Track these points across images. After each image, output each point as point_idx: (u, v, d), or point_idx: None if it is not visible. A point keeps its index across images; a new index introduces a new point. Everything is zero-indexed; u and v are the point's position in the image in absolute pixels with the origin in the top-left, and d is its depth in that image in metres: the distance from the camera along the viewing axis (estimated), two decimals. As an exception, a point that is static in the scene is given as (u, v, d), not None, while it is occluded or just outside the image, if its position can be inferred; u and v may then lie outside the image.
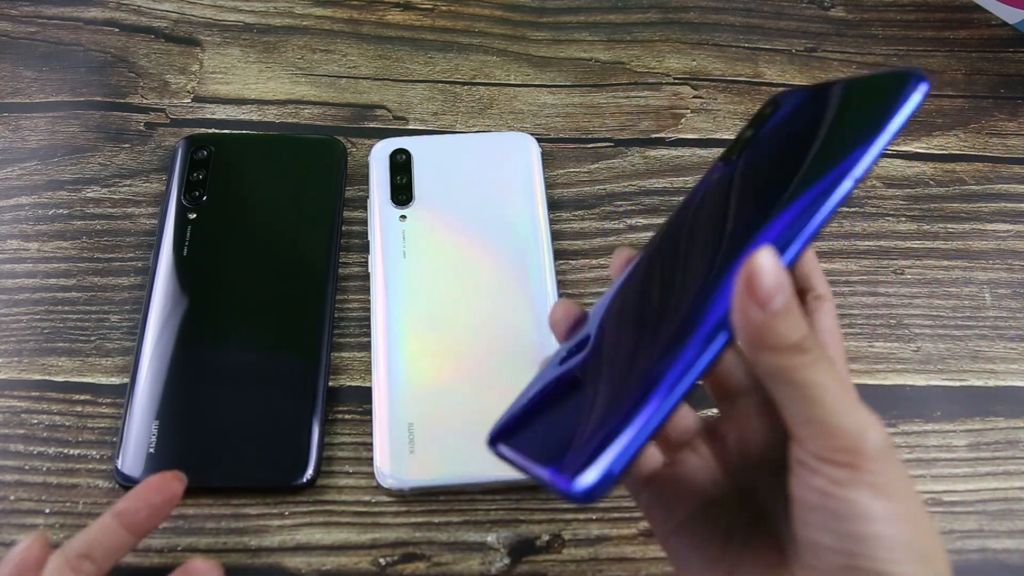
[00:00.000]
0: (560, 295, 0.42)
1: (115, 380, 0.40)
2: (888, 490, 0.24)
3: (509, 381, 0.38)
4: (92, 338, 0.41)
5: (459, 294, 0.41)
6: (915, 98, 0.25)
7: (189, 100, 0.48)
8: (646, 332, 0.26)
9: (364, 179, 0.45)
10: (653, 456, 0.31)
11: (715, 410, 0.35)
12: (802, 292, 0.30)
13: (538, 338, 0.40)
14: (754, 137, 0.30)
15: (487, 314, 0.40)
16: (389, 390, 0.38)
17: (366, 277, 0.43)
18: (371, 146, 0.45)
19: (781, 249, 0.24)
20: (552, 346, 0.38)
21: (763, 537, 0.28)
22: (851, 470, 0.24)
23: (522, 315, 0.40)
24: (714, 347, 0.24)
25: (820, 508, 0.24)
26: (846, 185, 0.24)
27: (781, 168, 0.27)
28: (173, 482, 0.33)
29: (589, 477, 0.23)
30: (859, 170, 0.24)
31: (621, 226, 0.45)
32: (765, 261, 0.23)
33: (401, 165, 0.44)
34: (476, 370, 0.39)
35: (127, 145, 0.46)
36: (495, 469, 0.37)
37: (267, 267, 0.41)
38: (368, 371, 0.40)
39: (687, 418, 0.31)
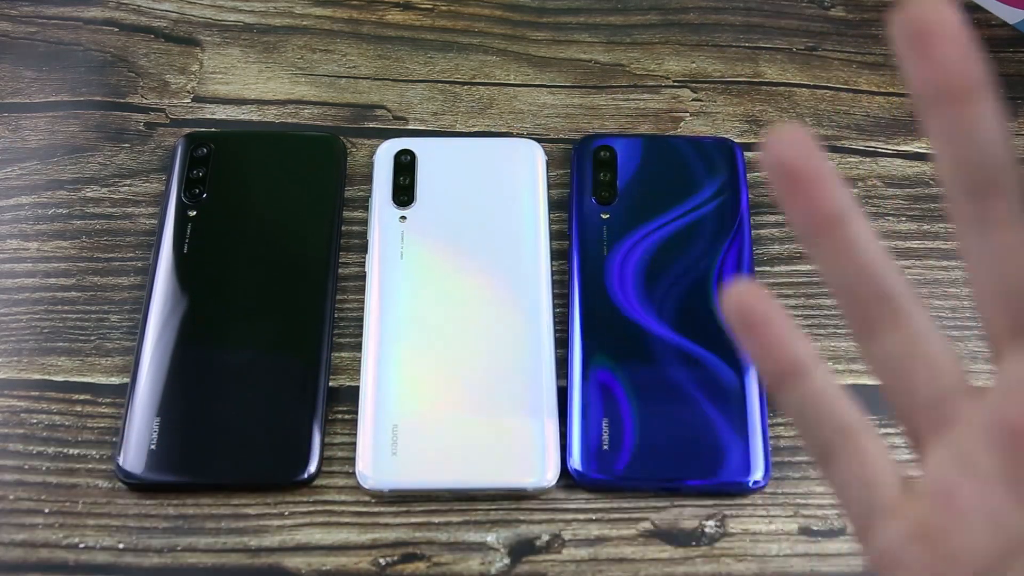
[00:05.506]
0: (556, 309, 0.42)
1: (115, 380, 0.40)
2: None
3: (498, 388, 0.39)
4: (92, 338, 0.41)
5: (453, 298, 0.41)
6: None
7: (189, 100, 0.48)
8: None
9: (364, 179, 0.45)
10: None
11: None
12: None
13: (529, 347, 0.39)
14: (616, 180, 0.44)
15: (479, 318, 0.40)
16: (376, 391, 0.38)
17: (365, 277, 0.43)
18: (371, 146, 0.45)
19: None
20: (537, 356, 0.38)
21: None
22: None
23: (514, 322, 0.40)
24: None
25: None
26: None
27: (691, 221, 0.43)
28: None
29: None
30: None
31: (621, 226, 0.45)
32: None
33: (405, 166, 0.44)
34: (465, 375, 0.39)
35: (127, 145, 0.46)
36: (477, 475, 0.37)
37: (268, 264, 0.41)
38: (368, 371, 0.40)
39: None
